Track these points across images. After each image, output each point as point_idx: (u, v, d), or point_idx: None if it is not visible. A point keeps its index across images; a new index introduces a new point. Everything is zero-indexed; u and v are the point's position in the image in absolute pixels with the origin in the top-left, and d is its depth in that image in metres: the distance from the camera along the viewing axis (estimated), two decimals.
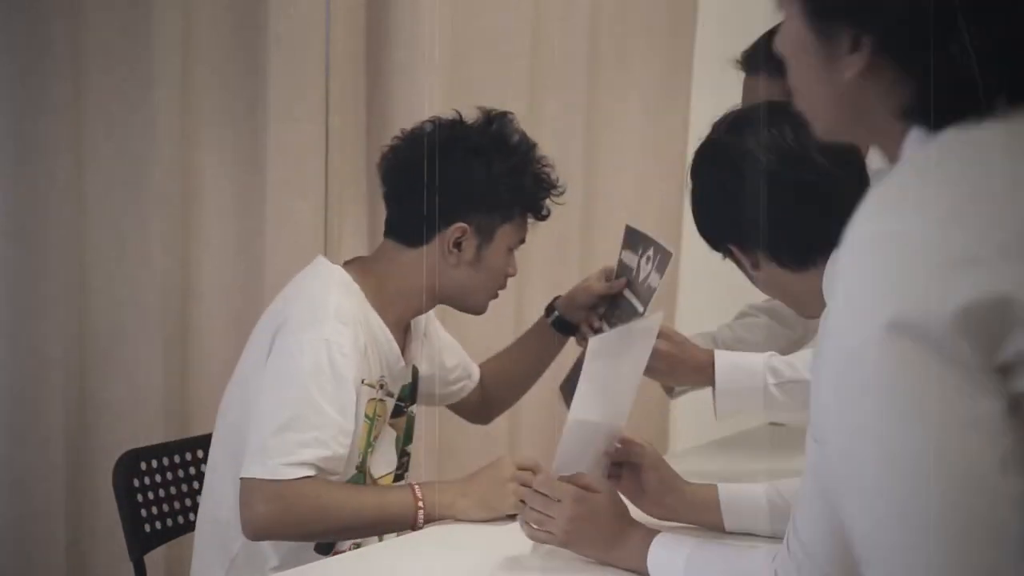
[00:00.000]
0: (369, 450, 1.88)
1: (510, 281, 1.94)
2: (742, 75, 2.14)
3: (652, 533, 1.53)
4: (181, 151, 2.40)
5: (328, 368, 1.73)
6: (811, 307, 1.49)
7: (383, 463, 1.90)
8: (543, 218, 1.93)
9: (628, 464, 1.70)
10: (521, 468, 1.77)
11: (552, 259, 3.05)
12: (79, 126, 2.27)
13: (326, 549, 1.84)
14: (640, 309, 1.91)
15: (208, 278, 2.47)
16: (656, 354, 1.89)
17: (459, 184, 1.83)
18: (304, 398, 1.72)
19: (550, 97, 3.02)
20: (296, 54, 2.48)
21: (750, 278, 1.55)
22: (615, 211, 3.06)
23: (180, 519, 2.06)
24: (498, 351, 2.26)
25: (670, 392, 2.12)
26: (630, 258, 1.98)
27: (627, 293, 1.98)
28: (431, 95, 2.71)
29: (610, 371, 1.65)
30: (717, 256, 1.57)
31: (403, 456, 1.99)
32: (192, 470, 2.10)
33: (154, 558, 2.10)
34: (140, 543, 1.98)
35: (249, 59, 2.46)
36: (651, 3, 3.23)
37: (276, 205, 2.48)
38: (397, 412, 1.95)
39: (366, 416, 1.84)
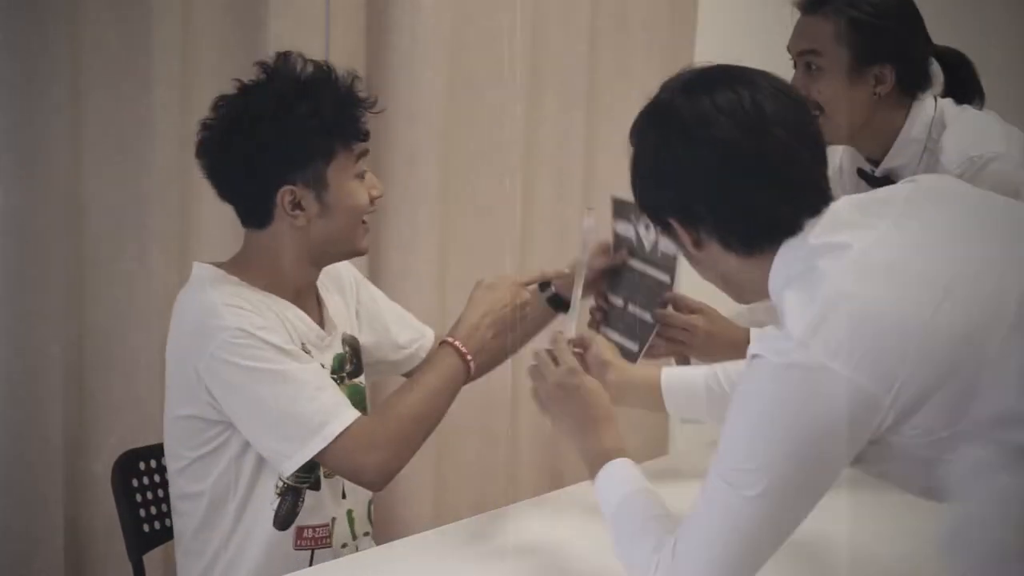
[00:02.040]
0: None
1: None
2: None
3: (622, 451, 1.48)
4: (181, 151, 2.40)
5: (263, 344, 1.72)
6: (749, 294, 1.42)
7: None
8: (365, 138, 1.85)
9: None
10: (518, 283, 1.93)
11: (552, 259, 3.04)
12: (79, 126, 2.27)
13: (284, 525, 1.82)
14: (666, 280, 1.87)
15: None
16: (693, 330, 1.89)
17: (259, 151, 1.77)
18: (273, 379, 1.71)
19: (550, 97, 3.02)
20: None
21: (688, 258, 1.43)
22: None
23: None
24: None
25: None
26: (625, 228, 1.95)
27: (636, 265, 1.95)
28: (431, 95, 2.71)
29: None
30: None
31: None
32: None
33: (153, 558, 2.10)
34: (139, 543, 1.98)
35: (249, 59, 2.44)
36: (651, 3, 3.23)
37: None
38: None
39: None
